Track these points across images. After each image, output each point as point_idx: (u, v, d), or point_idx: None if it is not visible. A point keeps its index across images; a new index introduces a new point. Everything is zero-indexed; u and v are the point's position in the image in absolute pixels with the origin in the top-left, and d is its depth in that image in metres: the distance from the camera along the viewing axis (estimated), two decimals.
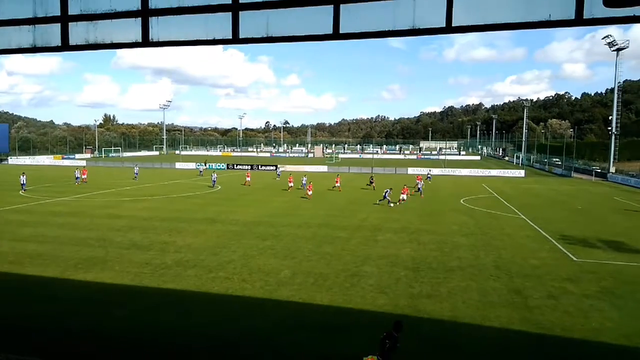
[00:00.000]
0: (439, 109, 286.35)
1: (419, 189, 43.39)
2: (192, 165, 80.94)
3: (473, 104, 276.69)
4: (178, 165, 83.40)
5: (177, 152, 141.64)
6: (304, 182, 46.83)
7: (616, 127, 74.24)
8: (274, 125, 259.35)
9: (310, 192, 40.45)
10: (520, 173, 73.49)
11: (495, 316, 13.69)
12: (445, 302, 14.79)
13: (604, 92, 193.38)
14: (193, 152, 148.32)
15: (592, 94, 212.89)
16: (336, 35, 6.86)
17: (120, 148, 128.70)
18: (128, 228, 26.02)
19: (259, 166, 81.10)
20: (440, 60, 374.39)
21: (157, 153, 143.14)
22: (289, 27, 7.16)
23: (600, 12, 5.89)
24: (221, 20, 7.49)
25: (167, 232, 24.85)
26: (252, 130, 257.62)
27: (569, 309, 14.31)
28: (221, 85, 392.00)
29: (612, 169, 70.84)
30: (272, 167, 77.00)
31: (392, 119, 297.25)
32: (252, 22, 7.36)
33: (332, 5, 6.87)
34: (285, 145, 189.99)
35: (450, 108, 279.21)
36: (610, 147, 73.96)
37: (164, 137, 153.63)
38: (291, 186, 46.25)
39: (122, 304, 14.57)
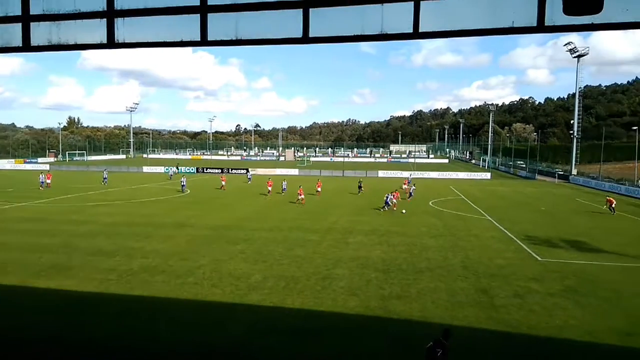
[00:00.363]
0: (408, 113, 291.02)
1: (410, 193, 43.96)
2: (160, 169, 79.48)
3: (441, 108, 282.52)
4: (146, 169, 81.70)
5: (145, 155, 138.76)
6: (284, 186, 46.51)
7: (577, 130, 77.09)
8: (245, 129, 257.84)
9: (302, 196, 39.02)
10: (487, 175, 75.35)
11: (464, 316, 13.96)
12: (414, 302, 14.99)
13: (566, 97, 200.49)
14: (161, 156, 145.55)
15: (555, 99, 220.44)
16: (305, 39, 6.88)
17: (85, 152, 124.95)
18: (93, 233, 25.30)
19: (230, 170, 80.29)
20: (409, 65, 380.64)
21: (123, 156, 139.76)
22: (258, 30, 7.13)
23: (561, 19, 6.13)
24: (189, 22, 7.39)
25: (134, 238, 24.27)
26: (222, 133, 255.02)
27: (534, 307, 14.73)
28: (191, 87, 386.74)
29: (574, 172, 73.47)
30: (243, 171, 76.29)
31: (363, 123, 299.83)
32: (220, 24, 7.28)
33: (302, 9, 6.89)
34: (256, 148, 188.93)
35: (420, 112, 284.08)
36: (572, 150, 76.71)
37: (131, 140, 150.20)
38: (270, 190, 45.54)
39: (88, 311, 14.13)
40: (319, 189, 45.52)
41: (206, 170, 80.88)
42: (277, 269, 18.68)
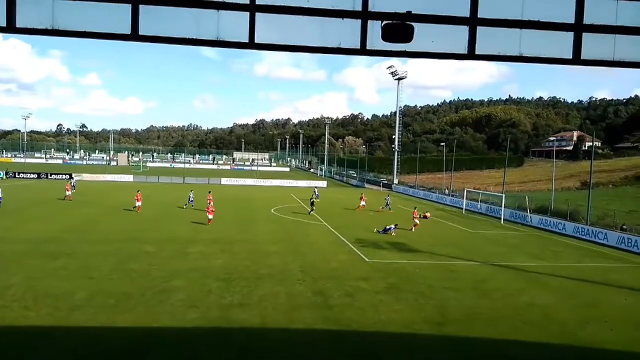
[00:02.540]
0: (251, 121, 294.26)
1: (387, 204, 45.09)
2: None
3: (283, 119, 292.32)
4: None
5: None
6: (191, 198, 39.62)
7: (398, 145, 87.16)
8: (69, 129, 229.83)
9: (210, 216, 31.46)
10: (323, 184, 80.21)
11: (301, 318, 14.54)
12: (255, 309, 15.10)
13: (389, 114, 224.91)
14: None
15: (381, 116, 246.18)
16: (135, 36, 6.47)
17: None
18: None
19: (49, 174, 70.66)
20: (252, 74, 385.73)
21: None
22: (79, 21, 6.44)
23: (379, 45, 6.96)
24: None
25: None
26: (39, 133, 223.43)
27: (363, 304, 16.08)
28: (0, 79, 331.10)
29: (396, 181, 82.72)
30: (65, 176, 67.91)
31: (205, 129, 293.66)
32: (32, 9, 6.39)
33: (130, 5, 6.46)
34: (82, 151, 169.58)
35: (262, 121, 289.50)
36: (393, 162, 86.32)
37: None
38: (138, 206, 36.79)
39: None
40: (138, 203, 36.97)
41: (18, 174, 69.88)
42: (106, 284, 16.99)
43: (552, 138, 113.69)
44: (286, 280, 18.55)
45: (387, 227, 31.14)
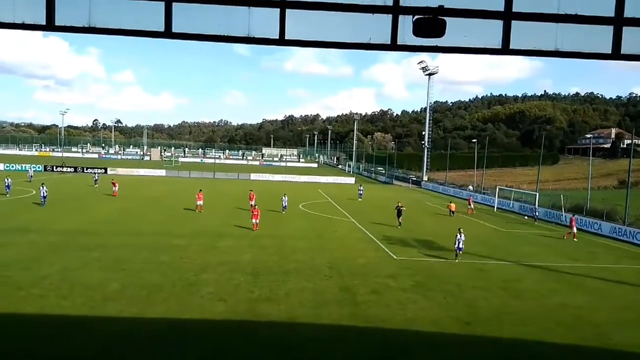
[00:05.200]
0: (280, 117, 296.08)
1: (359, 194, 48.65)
2: None
3: (311, 115, 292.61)
4: None
5: None
6: (285, 203, 36.42)
7: (428, 141, 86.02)
8: (104, 124, 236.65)
9: (255, 220, 28.24)
10: (351, 180, 79.97)
11: (328, 313, 14.58)
12: (282, 304, 15.22)
13: (419, 110, 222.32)
14: (1, 151, 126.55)
15: (410, 112, 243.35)
16: (168, 33, 6.58)
17: None
18: None
19: (85, 168, 72.91)
20: (281, 71, 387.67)
21: None
22: (115, 19, 6.61)
23: (411, 40, 6.86)
24: (34, 3, 6.56)
25: None
26: (76, 128, 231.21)
27: (389, 302, 15.99)
28: (39, 75, 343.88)
29: (425, 178, 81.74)
30: (101, 170, 70.01)
31: (235, 125, 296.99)
32: (70, 8, 6.59)
33: (164, 2, 6.58)
34: (116, 146, 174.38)
35: (291, 117, 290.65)
36: (423, 159, 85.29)
37: None
38: (200, 204, 34.70)
39: None
40: (200, 202, 35.23)
41: (56, 168, 72.46)
42: (138, 276, 17.47)
43: (589, 135, 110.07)
44: (313, 276, 18.62)
45: (459, 243, 22.60)
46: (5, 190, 39.13)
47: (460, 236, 22.57)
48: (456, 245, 22.53)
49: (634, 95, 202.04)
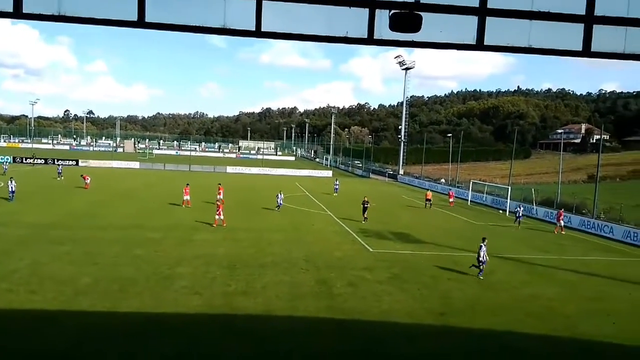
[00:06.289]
0: (257, 110, 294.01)
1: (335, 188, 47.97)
2: None
3: (289, 107, 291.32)
4: None
5: None
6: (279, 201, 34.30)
7: (405, 135, 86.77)
8: (76, 115, 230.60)
9: (218, 217, 26.81)
10: (329, 173, 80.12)
11: (304, 306, 14.63)
12: (259, 297, 15.20)
13: (395, 104, 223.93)
14: None
15: (387, 106, 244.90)
16: (141, 23, 6.42)
17: None
18: None
19: (55, 160, 70.89)
20: (258, 63, 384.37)
21: None
22: (86, 7, 6.41)
23: (387, 34, 6.89)
24: None
25: None
26: (47, 119, 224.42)
27: (366, 294, 16.15)
28: (7, 64, 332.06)
29: (401, 171, 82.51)
30: (70, 162, 68.24)
31: (211, 117, 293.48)
32: None
33: None
34: (88, 137, 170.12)
35: (268, 109, 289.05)
36: (399, 153, 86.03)
37: None
38: (187, 199, 33.22)
39: None
40: (187, 197, 33.81)
41: (26, 160, 70.32)
42: (111, 270, 17.15)
43: (560, 130, 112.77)
44: (290, 269, 18.64)
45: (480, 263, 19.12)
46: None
47: (483, 247, 18.99)
48: (481, 258, 18.84)
49: (603, 92, 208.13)
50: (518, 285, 18.55)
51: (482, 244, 19.10)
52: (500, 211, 42.59)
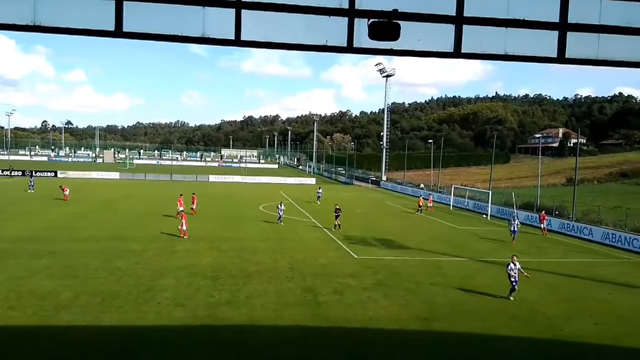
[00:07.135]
0: (239, 118, 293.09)
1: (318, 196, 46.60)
2: None
3: (271, 115, 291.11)
4: None
5: None
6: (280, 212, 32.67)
7: (387, 142, 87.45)
8: (54, 126, 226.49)
9: (182, 227, 26.08)
10: (312, 181, 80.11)
11: (290, 315, 14.53)
12: (244, 307, 15.05)
13: (377, 111, 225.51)
14: None
15: (369, 113, 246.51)
16: (119, 33, 6.36)
17: None
18: None
19: (33, 172, 69.37)
20: (239, 71, 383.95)
21: None
22: (62, 17, 6.31)
23: (366, 43, 6.97)
24: None
25: None
26: (24, 130, 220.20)
27: (351, 301, 16.12)
28: None
29: (384, 178, 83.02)
30: (49, 173, 66.85)
31: (193, 125, 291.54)
32: (13, 4, 6.24)
33: (114, 1, 6.36)
34: (67, 148, 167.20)
35: (250, 118, 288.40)
36: (382, 159, 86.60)
37: None
38: (181, 211, 30.90)
39: None
40: (181, 209, 31.79)
41: (2, 172, 68.74)
42: (92, 283, 16.81)
43: (537, 135, 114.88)
44: (275, 278, 18.51)
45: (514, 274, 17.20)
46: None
47: (514, 265, 17.17)
48: (512, 278, 17.05)
49: (579, 96, 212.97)
50: (500, 288, 18.73)
51: (511, 264, 17.22)
52: (483, 215, 43.07)
